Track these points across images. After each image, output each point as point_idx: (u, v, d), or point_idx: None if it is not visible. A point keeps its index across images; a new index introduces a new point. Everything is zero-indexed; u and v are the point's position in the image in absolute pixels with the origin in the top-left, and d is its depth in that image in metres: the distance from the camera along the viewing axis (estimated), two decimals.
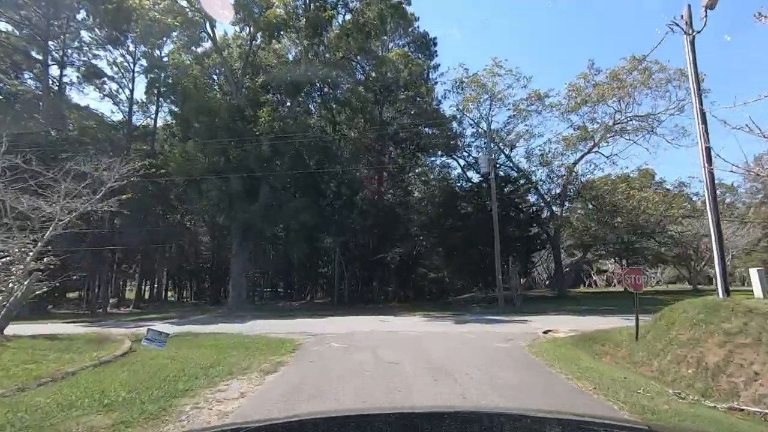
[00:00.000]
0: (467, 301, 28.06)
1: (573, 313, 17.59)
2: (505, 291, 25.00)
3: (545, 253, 32.79)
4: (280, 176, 23.76)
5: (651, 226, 23.88)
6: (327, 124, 27.07)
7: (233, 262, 22.45)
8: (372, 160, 27.80)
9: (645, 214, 22.73)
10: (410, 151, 28.72)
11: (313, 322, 16.04)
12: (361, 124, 25.93)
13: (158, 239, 24.59)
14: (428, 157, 29.77)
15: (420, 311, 19.92)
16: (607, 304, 21.25)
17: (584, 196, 24.35)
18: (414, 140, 27.48)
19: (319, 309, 24.74)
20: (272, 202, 22.18)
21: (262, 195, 22.71)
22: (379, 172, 28.66)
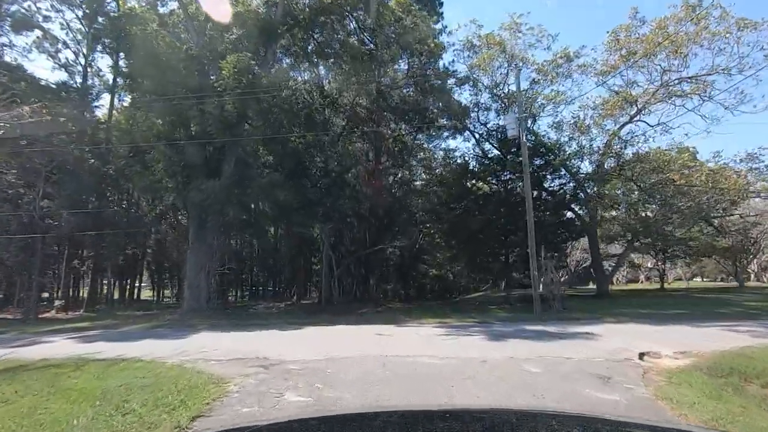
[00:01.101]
0: (482, 303, 23.30)
1: (640, 321, 12.91)
2: (520, 290, 20.34)
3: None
4: (251, 147, 18.94)
5: (719, 208, 19.20)
6: (314, 89, 22.24)
7: (189, 256, 17.64)
8: (368, 132, 22.95)
9: (714, 192, 18.02)
10: (414, 123, 23.88)
11: (281, 336, 11.29)
12: (354, 86, 21.08)
13: (97, 226, 19.72)
14: (436, 129, 24.95)
15: (429, 317, 15.17)
16: (668, 307, 16.57)
17: (630, 171, 19.56)
18: (418, 107, 22.63)
19: (302, 313, 19.94)
20: (239, 178, 17.35)
21: (226, 169, 17.87)
22: (376, 147, 23.85)
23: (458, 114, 22.44)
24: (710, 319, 12.79)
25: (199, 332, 12.47)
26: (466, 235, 19.76)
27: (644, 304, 17.23)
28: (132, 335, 12.32)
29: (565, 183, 19.49)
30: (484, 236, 19.14)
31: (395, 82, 23.22)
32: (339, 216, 19.73)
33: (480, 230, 18.75)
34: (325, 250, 21.48)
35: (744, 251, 28.15)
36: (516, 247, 19.34)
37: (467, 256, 19.71)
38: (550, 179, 19.10)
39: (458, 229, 18.74)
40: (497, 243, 19.16)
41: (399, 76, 24.23)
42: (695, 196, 17.77)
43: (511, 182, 19.34)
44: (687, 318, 13.42)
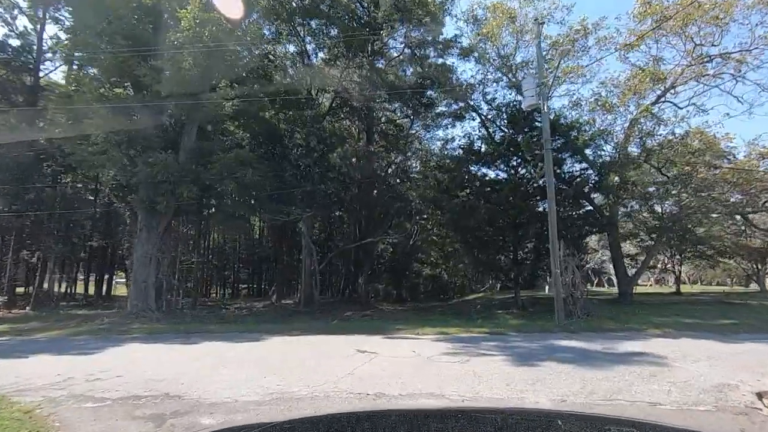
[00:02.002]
0: (485, 306, 20.50)
1: (695, 334, 10.16)
2: (527, 291, 17.68)
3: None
4: (219, 119, 15.94)
5: (756, 202, 16.50)
6: (296, 57, 19.32)
7: (135, 246, 14.60)
8: (359, 110, 20.00)
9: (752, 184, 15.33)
10: (411, 104, 20.97)
11: (229, 352, 8.32)
12: (342, 53, 18.15)
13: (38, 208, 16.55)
14: (435, 117, 22.02)
15: (429, 325, 12.28)
16: (712, 315, 13.85)
17: (656, 158, 16.79)
18: (416, 84, 19.72)
19: (276, 317, 17.01)
20: (200, 153, 14.40)
21: (186, 142, 14.89)
22: (368, 128, 20.92)
23: (461, 95, 19.59)
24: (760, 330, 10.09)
25: (125, 344, 9.49)
26: (470, 228, 16.91)
27: (681, 312, 14.51)
28: (34, 345, 9.30)
29: (585, 169, 16.67)
30: (491, 229, 16.31)
31: (390, 61, 20.29)
32: (322, 203, 16.80)
33: (487, 222, 15.92)
34: (306, 242, 18.52)
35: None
36: (528, 242, 16.53)
37: (470, 251, 16.86)
38: (569, 163, 16.29)
39: (461, 220, 15.87)
40: (506, 237, 16.33)
41: (394, 53, 21.36)
42: (732, 187, 15.09)
43: (522, 166, 16.50)
44: (752, 330, 10.69)
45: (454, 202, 15.73)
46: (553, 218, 12.30)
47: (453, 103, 21.48)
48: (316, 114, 17.87)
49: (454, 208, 15.83)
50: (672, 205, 18.21)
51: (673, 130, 15.60)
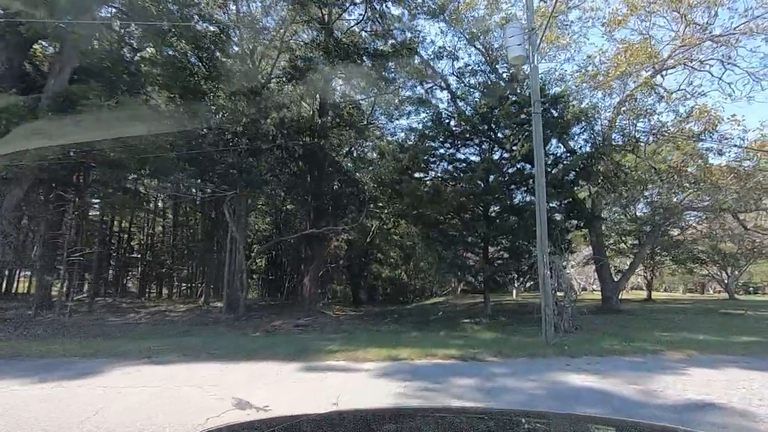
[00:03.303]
0: (449, 314, 17.51)
1: (725, 358, 7.50)
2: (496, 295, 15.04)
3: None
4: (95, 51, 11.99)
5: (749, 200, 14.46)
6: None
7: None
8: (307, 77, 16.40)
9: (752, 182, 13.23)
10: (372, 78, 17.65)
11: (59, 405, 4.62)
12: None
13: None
14: (398, 105, 18.75)
15: (376, 344, 8.90)
16: (720, 330, 11.43)
17: (647, 146, 14.44)
18: (375, 53, 16.43)
19: (180, 327, 13.16)
20: (69, 99, 10.41)
21: (52, 84, 10.82)
22: (321, 101, 17.36)
23: (427, 74, 16.49)
24: None
25: None
26: (434, 220, 13.82)
27: (681, 324, 12.06)
28: None
29: (569, 153, 13.99)
30: (458, 220, 13.31)
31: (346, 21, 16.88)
32: (250, 180, 13.14)
33: (454, 210, 12.89)
34: (232, 233, 14.72)
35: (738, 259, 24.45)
36: (501, 238, 13.64)
37: (433, 247, 13.73)
38: (554, 144, 13.55)
39: (423, 208, 12.71)
40: (477, 231, 13.35)
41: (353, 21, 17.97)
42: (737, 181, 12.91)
43: (497, 150, 13.58)
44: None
45: (414, 185, 12.52)
46: (541, 198, 9.36)
47: (418, 85, 18.42)
48: (249, 71, 14.18)
49: (414, 193, 12.62)
50: (660, 202, 15.98)
51: (676, 109, 13.20)
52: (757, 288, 41.85)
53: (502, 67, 15.20)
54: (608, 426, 1.76)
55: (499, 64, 14.42)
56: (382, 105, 20.18)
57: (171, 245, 32.60)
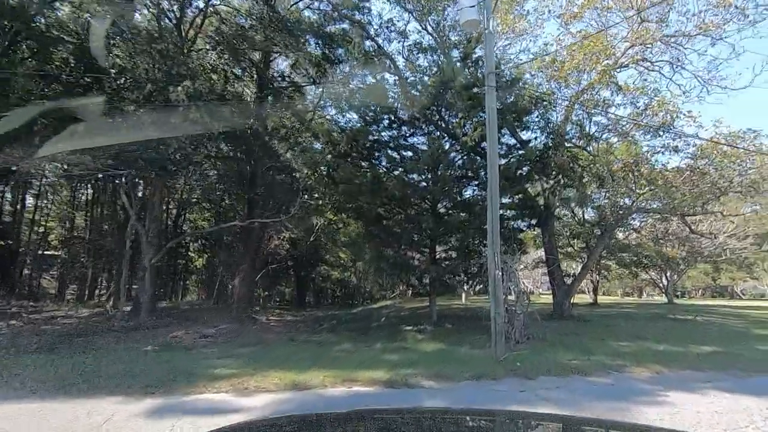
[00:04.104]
0: (393, 320, 15.89)
1: (703, 375, 6.36)
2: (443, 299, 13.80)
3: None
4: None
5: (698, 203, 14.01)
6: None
7: None
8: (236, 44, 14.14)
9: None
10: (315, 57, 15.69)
11: None
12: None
13: None
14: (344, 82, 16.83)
15: (282, 366, 6.92)
16: (682, 339, 10.55)
17: (597, 145, 13.63)
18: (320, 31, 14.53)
19: (72, 338, 10.48)
20: None
21: None
22: (259, 80, 15.12)
23: (377, 59, 14.76)
24: None
25: None
26: (375, 215, 12.12)
27: (636, 332, 11.12)
28: None
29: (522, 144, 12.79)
30: (402, 215, 11.70)
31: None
32: (152, 159, 10.78)
33: (397, 202, 11.27)
34: (132, 224, 12.18)
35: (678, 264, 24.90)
36: (449, 236, 12.19)
37: (375, 245, 11.99)
38: (508, 135, 12.28)
39: (362, 198, 10.94)
40: (424, 228, 11.78)
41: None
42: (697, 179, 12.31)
43: (447, 140, 12.09)
44: (759, 367, 7.22)
45: (350, 171, 10.71)
46: (494, 187, 7.90)
47: (369, 74, 16.67)
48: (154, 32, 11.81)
49: (351, 181, 10.82)
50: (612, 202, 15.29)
51: (635, 101, 12.36)
52: (685, 292, 44.02)
53: (455, 51, 13.81)
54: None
55: (452, 43, 12.99)
56: (331, 97, 18.26)
57: (87, 240, 28.65)
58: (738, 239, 24.17)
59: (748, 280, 41.99)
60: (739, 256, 26.49)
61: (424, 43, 12.92)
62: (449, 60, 11.78)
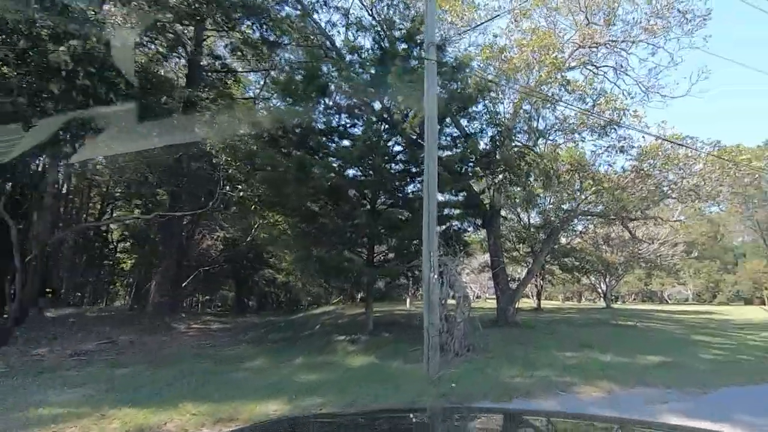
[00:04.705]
0: (328, 328, 14.44)
1: (659, 393, 5.53)
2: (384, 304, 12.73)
3: None
4: None
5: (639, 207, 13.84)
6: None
7: None
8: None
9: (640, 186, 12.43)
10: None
11: None
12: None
13: None
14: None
15: (200, 389, 5.36)
16: (623, 346, 9.96)
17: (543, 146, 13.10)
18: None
19: None
20: None
21: None
22: (190, 62, 13.12)
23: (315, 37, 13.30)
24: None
25: None
26: (307, 211, 10.64)
27: (581, 340, 10.46)
28: None
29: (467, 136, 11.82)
30: (332, 209, 10.32)
31: None
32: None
33: (327, 194, 9.87)
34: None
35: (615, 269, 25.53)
36: (388, 236, 10.96)
37: (305, 244, 10.47)
38: (450, 127, 11.27)
39: (287, 189, 9.42)
40: (360, 226, 10.47)
41: None
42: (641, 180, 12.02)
43: (386, 129, 10.85)
44: (718, 380, 6.57)
45: (271, 156, 9.13)
46: (431, 175, 6.76)
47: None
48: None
49: (275, 168, 9.28)
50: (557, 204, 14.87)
51: (583, 96, 11.83)
52: (619, 296, 46.16)
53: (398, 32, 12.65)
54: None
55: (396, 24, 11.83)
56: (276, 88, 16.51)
57: None
58: (670, 246, 25.13)
59: (675, 285, 44.82)
60: (669, 262, 27.66)
61: (364, 21, 11.67)
62: (392, 40, 10.61)
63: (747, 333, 14.04)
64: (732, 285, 44.03)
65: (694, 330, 13.84)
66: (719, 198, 13.51)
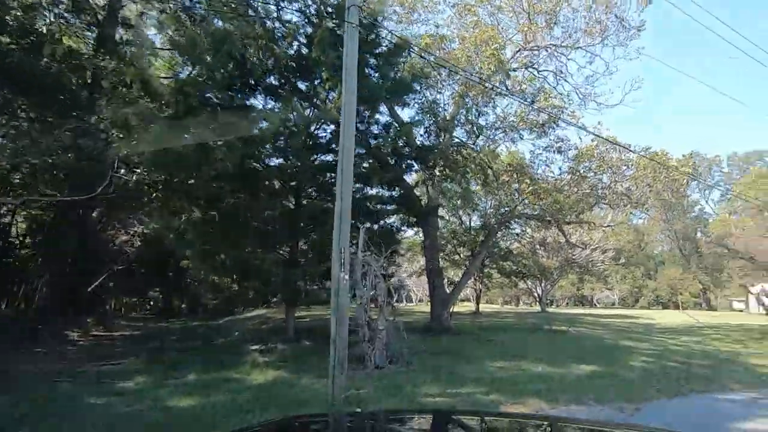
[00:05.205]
0: (247, 335, 12.94)
1: (591, 409, 4.82)
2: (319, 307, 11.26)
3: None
4: None
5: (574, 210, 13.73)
6: None
7: None
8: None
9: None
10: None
11: None
12: None
13: None
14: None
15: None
16: (556, 354, 9.46)
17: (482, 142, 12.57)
18: None
19: None
20: None
21: None
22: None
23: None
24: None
25: None
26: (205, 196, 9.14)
27: (514, 348, 9.88)
28: None
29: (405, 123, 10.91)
30: (244, 201, 8.93)
31: None
32: None
33: (239, 180, 8.49)
34: None
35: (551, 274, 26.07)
36: (312, 232, 9.76)
37: (207, 239, 8.95)
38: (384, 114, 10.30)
39: (185, 173, 7.92)
40: (281, 221, 9.19)
41: None
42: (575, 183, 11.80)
43: (310, 100, 9.61)
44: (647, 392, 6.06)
45: (164, 132, 7.60)
46: (347, 152, 5.69)
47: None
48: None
49: (173, 146, 7.76)
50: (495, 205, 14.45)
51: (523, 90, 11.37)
52: (554, 300, 48.07)
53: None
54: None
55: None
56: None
57: None
58: (601, 252, 26.06)
59: (603, 290, 47.38)
60: (599, 268, 28.78)
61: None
62: (320, 12, 9.45)
63: (669, 337, 14.38)
64: (652, 290, 47.33)
65: (621, 335, 13.92)
66: (647, 204, 13.68)
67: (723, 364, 9.11)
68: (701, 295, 44.37)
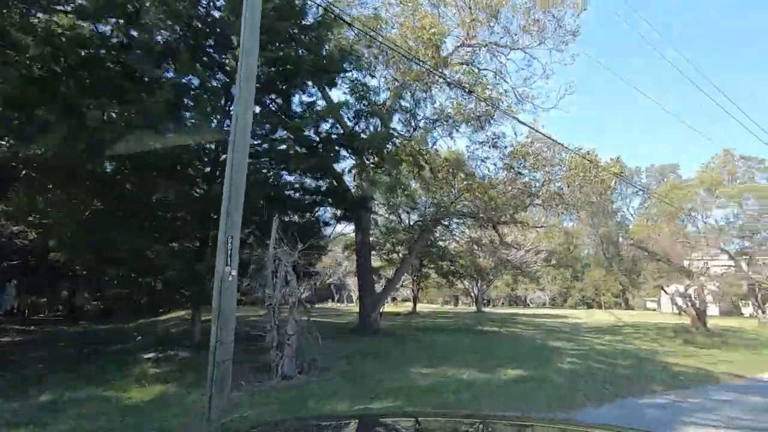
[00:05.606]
0: (145, 341, 11.26)
1: None
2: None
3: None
4: None
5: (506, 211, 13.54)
6: None
7: None
8: None
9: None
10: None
11: None
12: None
13: None
14: None
15: None
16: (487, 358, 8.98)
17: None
18: None
19: None
20: None
21: None
22: None
23: None
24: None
25: None
26: (86, 175, 7.59)
27: (443, 351, 9.29)
28: None
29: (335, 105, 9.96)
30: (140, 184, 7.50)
31: None
32: None
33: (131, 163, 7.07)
34: None
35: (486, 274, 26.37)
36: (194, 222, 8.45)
37: (88, 226, 7.38)
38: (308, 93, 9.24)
39: (50, 145, 6.38)
40: (182, 207, 7.84)
41: None
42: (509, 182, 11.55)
43: (220, 65, 8.34)
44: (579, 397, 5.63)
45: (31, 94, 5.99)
46: (240, 130, 4.65)
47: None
48: None
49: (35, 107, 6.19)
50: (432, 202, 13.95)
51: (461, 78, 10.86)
52: (490, 300, 49.46)
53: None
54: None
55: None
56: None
57: None
58: (534, 253, 26.80)
59: (536, 291, 49.49)
60: (532, 268, 29.67)
61: None
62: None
63: (594, 337, 14.71)
64: (579, 291, 50.20)
65: (551, 335, 13.97)
66: (578, 206, 13.81)
67: (643, 364, 9.15)
68: (621, 295, 47.69)
